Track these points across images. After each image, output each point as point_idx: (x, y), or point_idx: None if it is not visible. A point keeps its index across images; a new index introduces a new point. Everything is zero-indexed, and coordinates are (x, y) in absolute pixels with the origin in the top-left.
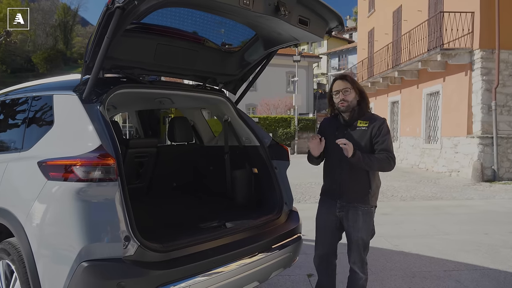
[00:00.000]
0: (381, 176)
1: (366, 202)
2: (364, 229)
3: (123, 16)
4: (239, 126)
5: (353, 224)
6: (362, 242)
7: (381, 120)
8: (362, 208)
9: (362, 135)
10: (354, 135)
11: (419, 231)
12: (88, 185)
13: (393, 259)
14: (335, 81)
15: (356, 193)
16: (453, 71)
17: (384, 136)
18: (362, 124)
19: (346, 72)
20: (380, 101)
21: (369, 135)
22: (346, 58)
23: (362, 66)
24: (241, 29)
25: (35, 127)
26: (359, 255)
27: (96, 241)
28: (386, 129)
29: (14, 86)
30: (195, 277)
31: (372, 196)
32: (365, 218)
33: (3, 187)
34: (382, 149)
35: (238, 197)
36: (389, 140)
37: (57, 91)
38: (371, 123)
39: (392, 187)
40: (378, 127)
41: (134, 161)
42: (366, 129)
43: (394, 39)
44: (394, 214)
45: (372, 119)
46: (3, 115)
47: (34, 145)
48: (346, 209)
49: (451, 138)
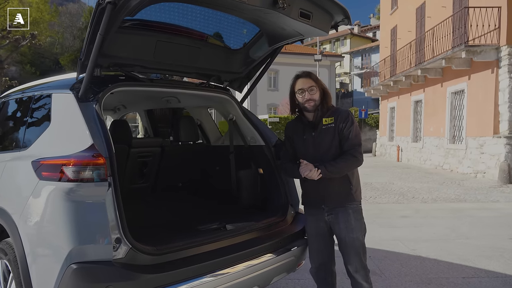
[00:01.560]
0: (403, 177)
1: (352, 199)
2: (358, 227)
3: (115, 12)
4: (244, 125)
5: (346, 225)
6: (359, 243)
7: (345, 112)
8: (351, 206)
9: (330, 133)
10: (322, 134)
11: (439, 235)
12: (78, 185)
13: (409, 264)
14: (298, 78)
15: (339, 194)
16: (479, 69)
17: (349, 129)
18: (328, 121)
19: (367, 71)
20: (403, 100)
21: (337, 131)
22: (369, 57)
23: (385, 64)
24: (245, 25)
25: (35, 125)
26: (360, 260)
27: (85, 243)
28: (350, 121)
29: (20, 86)
30: (189, 281)
31: (355, 191)
32: (356, 216)
33: (2, 185)
34: (349, 146)
35: (243, 198)
36: (354, 132)
37: (56, 89)
38: (336, 118)
39: (414, 189)
40: (343, 120)
41: (138, 160)
42: (333, 125)
43: (418, 36)
44: (414, 216)
45: (336, 113)
46: (8, 114)
47: (32, 144)
48: (336, 212)
49: (477, 138)
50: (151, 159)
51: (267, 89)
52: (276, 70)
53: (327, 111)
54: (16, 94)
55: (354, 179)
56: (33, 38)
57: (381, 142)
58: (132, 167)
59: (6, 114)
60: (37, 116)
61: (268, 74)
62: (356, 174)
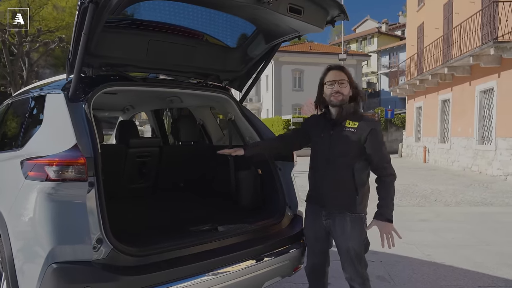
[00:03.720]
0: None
1: (353, 210)
2: (354, 237)
3: (98, 11)
4: (243, 125)
5: (342, 233)
6: (354, 253)
7: (372, 123)
8: (349, 215)
9: (349, 137)
10: (341, 136)
11: (458, 240)
12: (58, 184)
13: (422, 270)
14: (330, 70)
15: (341, 201)
16: (509, 66)
17: (379, 146)
18: (351, 124)
19: (392, 70)
20: (430, 99)
21: (357, 139)
22: (397, 56)
23: (411, 63)
24: (241, 23)
25: (30, 126)
26: (354, 269)
27: (65, 242)
28: (379, 137)
29: (27, 86)
30: (171, 284)
31: (359, 204)
32: (353, 225)
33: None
34: (382, 166)
35: (242, 199)
36: (385, 151)
37: (50, 90)
38: (360, 126)
39: (437, 191)
40: (369, 132)
41: (136, 160)
42: (354, 131)
43: (445, 33)
44: (434, 220)
45: (363, 120)
46: (12, 115)
47: (26, 144)
48: (333, 217)
49: (507, 139)
50: (150, 159)
51: (291, 89)
52: (301, 70)
53: (354, 113)
54: (22, 95)
55: (362, 191)
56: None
57: (407, 143)
58: (131, 167)
59: (10, 114)
60: (33, 116)
61: (293, 74)
62: (366, 188)
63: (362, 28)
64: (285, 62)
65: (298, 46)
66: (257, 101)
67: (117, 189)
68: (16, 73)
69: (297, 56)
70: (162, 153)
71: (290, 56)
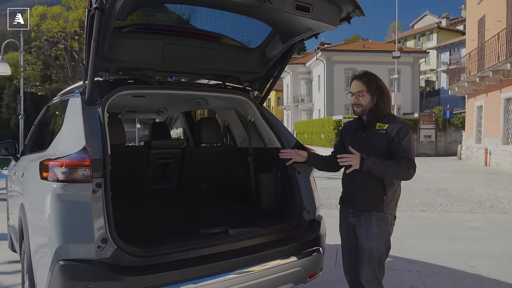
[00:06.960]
0: (486, 184)
1: (380, 209)
2: (378, 237)
3: (105, 17)
4: (262, 127)
5: (366, 230)
6: (376, 253)
7: (402, 123)
8: (375, 214)
9: (379, 138)
10: (371, 138)
11: (509, 252)
12: (66, 185)
13: (463, 282)
14: (353, 80)
15: (368, 200)
16: None
17: (405, 141)
18: (382, 126)
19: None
20: (492, 98)
21: (386, 140)
22: (459, 52)
23: (470, 59)
24: (257, 24)
25: (56, 128)
26: (373, 270)
27: (70, 241)
28: (407, 133)
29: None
30: (174, 285)
31: (387, 204)
32: (379, 224)
33: (25, 184)
34: (402, 156)
35: (262, 202)
36: (410, 146)
37: (73, 94)
38: (390, 126)
39: (495, 197)
40: (397, 130)
41: (158, 162)
42: (384, 132)
43: (508, 26)
44: (485, 229)
45: (392, 122)
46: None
47: (49, 146)
48: (359, 215)
49: None
50: (172, 161)
51: (344, 88)
52: (354, 69)
53: (384, 117)
54: (56, 98)
55: (390, 191)
56: None
57: (467, 144)
58: (153, 168)
59: (46, 117)
60: (59, 119)
61: (346, 73)
62: (395, 188)
63: (421, 23)
64: (337, 61)
65: (351, 44)
66: (309, 101)
67: (139, 190)
68: (77, 78)
69: (350, 55)
70: (184, 154)
71: (343, 55)
